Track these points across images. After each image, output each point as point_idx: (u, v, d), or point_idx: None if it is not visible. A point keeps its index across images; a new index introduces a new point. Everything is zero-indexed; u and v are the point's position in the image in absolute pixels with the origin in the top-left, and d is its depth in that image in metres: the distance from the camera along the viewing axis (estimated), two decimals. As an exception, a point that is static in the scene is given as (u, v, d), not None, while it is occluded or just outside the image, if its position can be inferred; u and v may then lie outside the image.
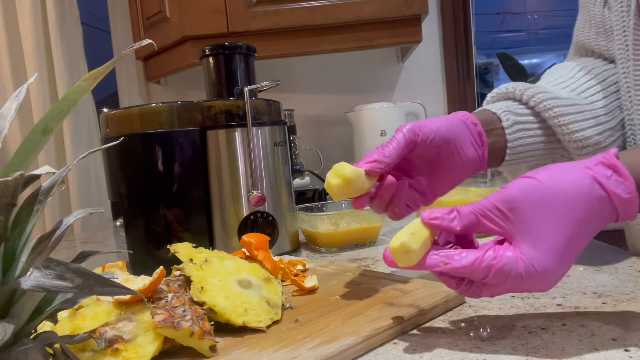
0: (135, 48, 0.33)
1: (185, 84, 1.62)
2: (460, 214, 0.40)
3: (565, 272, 0.39)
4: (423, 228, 0.40)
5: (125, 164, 0.70)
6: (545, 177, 0.39)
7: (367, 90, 1.62)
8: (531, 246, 0.38)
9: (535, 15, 7.37)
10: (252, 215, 0.72)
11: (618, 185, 0.38)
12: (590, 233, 0.39)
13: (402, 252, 0.39)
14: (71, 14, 1.40)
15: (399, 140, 0.50)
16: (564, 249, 0.38)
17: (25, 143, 0.31)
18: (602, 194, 0.38)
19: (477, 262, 0.38)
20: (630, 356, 0.35)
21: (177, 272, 0.48)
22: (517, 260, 0.38)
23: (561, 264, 0.38)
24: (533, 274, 0.37)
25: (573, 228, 0.38)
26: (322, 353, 0.37)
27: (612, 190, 0.38)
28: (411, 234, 0.40)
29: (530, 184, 0.39)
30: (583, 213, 0.38)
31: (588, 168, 0.39)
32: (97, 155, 1.33)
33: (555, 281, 0.39)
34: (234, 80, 0.80)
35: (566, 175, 0.39)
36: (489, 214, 0.39)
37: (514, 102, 0.60)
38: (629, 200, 0.38)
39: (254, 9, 1.25)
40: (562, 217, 0.38)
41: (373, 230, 0.78)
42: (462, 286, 0.40)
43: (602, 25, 0.65)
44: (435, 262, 0.39)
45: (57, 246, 0.31)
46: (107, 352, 0.37)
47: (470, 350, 0.38)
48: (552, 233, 0.38)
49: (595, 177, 0.38)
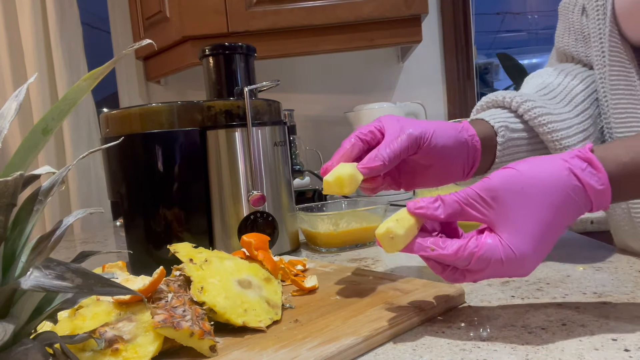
0: (135, 48, 0.33)
1: (185, 84, 1.62)
2: (445, 202, 0.42)
3: (542, 257, 0.41)
4: (408, 215, 0.42)
5: (125, 164, 0.70)
6: (525, 168, 0.42)
7: (367, 90, 1.62)
8: (511, 233, 0.40)
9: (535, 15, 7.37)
10: (252, 215, 0.72)
11: (592, 177, 0.40)
12: (566, 221, 0.41)
13: (388, 238, 0.42)
14: (71, 14, 1.40)
15: (403, 145, 0.51)
16: (541, 235, 0.40)
17: (25, 143, 0.31)
18: (577, 184, 0.40)
19: (460, 250, 0.40)
20: (630, 356, 0.35)
21: (177, 272, 0.48)
22: (497, 246, 0.40)
23: (539, 249, 0.40)
24: (512, 259, 0.39)
25: (550, 215, 0.40)
26: (322, 353, 0.37)
27: (587, 182, 0.40)
28: (396, 221, 0.42)
29: (511, 174, 0.41)
30: (559, 202, 0.40)
31: (565, 161, 0.41)
32: (97, 155, 1.33)
33: (534, 266, 0.41)
34: (234, 80, 0.80)
35: (545, 166, 0.41)
36: (472, 202, 0.42)
37: (509, 114, 0.61)
38: (602, 191, 0.40)
39: (254, 9, 1.25)
40: (540, 205, 0.40)
41: (373, 230, 0.78)
42: (447, 271, 0.42)
43: (580, 32, 0.67)
44: (422, 247, 0.42)
45: (57, 246, 0.31)
46: (107, 352, 0.37)
47: (470, 351, 0.38)
48: (530, 220, 0.40)
49: (572, 169, 0.40)
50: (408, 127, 0.52)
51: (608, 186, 0.40)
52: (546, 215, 0.40)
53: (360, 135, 0.54)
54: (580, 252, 0.64)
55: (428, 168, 0.54)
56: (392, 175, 0.56)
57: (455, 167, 0.55)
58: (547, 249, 0.41)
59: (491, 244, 0.40)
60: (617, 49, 0.58)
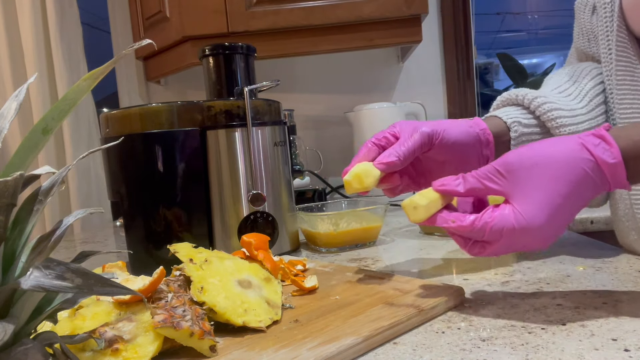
0: (135, 48, 0.33)
1: (185, 84, 1.62)
2: (465, 178, 0.46)
3: (557, 229, 0.43)
4: (432, 191, 0.47)
5: (125, 164, 0.70)
6: (540, 146, 0.44)
7: (367, 90, 1.62)
8: (523, 202, 0.42)
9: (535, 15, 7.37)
10: (252, 215, 0.72)
11: (605, 151, 0.42)
12: (583, 195, 0.42)
13: (411, 208, 0.47)
14: (71, 14, 1.40)
15: (416, 143, 0.54)
16: (553, 205, 0.42)
17: (25, 143, 0.31)
18: (590, 158, 0.42)
19: (476, 221, 0.43)
20: (630, 356, 0.35)
21: (177, 272, 0.48)
22: (510, 215, 0.42)
23: (552, 218, 0.42)
24: (524, 226, 0.42)
25: (563, 187, 0.42)
26: (322, 353, 0.37)
27: (599, 156, 0.41)
28: (420, 195, 0.47)
29: (526, 149, 0.44)
30: (573, 175, 0.42)
31: (579, 138, 0.43)
32: (97, 155, 1.33)
33: (550, 237, 0.43)
34: (234, 80, 0.80)
35: (559, 143, 0.44)
36: (490, 176, 0.44)
37: (522, 110, 0.63)
38: (614, 165, 0.41)
39: (254, 9, 1.24)
40: (553, 177, 0.42)
41: (373, 230, 0.78)
42: (469, 245, 0.45)
43: (591, 32, 0.68)
44: (444, 219, 0.45)
45: (57, 246, 0.31)
46: (107, 352, 0.37)
47: (470, 351, 0.38)
48: (543, 190, 0.42)
49: (584, 144, 0.42)
50: (420, 126, 0.55)
51: (620, 160, 0.41)
52: (558, 187, 0.42)
53: (375, 140, 0.56)
54: (580, 252, 0.64)
55: (444, 164, 0.56)
56: (409, 175, 0.58)
57: (470, 162, 0.57)
58: (563, 221, 0.43)
59: (504, 213, 0.42)
60: (624, 45, 0.58)
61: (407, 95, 1.60)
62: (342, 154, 1.59)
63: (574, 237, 0.72)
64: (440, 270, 0.61)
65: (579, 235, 0.73)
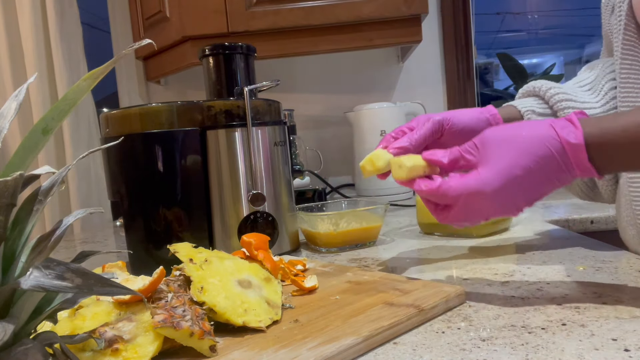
0: (135, 48, 0.33)
1: (185, 84, 1.62)
2: (450, 151, 0.49)
3: (514, 199, 0.46)
4: (420, 158, 0.50)
5: (125, 164, 0.70)
6: (515, 125, 0.48)
7: (367, 90, 1.62)
8: (486, 168, 0.46)
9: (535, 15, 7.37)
10: (252, 215, 0.72)
11: (569, 133, 0.44)
12: (545, 173, 0.45)
13: (397, 165, 0.51)
14: (71, 14, 1.40)
15: (427, 129, 0.58)
16: (511, 174, 0.45)
17: (25, 143, 0.31)
18: (555, 137, 0.44)
19: (442, 185, 0.47)
20: (630, 356, 0.35)
21: (177, 272, 0.48)
22: (470, 179, 0.46)
23: (507, 186, 0.45)
24: (479, 189, 0.45)
25: (524, 160, 0.45)
26: (322, 353, 0.37)
27: (563, 137, 0.44)
28: (408, 157, 0.51)
29: (502, 128, 0.48)
30: (535, 150, 0.45)
31: (551, 121, 0.46)
32: (97, 155, 1.33)
33: (504, 205, 0.46)
34: (234, 80, 0.80)
35: (532, 124, 0.47)
36: (469, 149, 0.48)
37: (539, 101, 0.66)
38: (576, 146, 0.44)
39: (254, 9, 1.25)
40: (516, 149, 0.45)
41: (373, 230, 0.78)
42: (437, 210, 0.50)
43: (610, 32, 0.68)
44: (418, 184, 0.49)
45: (57, 246, 0.31)
46: (107, 352, 0.37)
47: (470, 351, 0.38)
48: (504, 160, 0.45)
49: (553, 126, 0.45)
50: (432, 115, 0.59)
51: (582, 142, 0.43)
52: (520, 159, 0.45)
53: (393, 134, 0.60)
54: (580, 252, 0.64)
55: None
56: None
57: None
58: (521, 193, 0.46)
59: (466, 179, 0.46)
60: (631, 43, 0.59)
61: (407, 95, 1.60)
62: (342, 154, 1.59)
63: (574, 237, 0.72)
64: (440, 270, 0.61)
65: (579, 235, 0.73)
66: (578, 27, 6.81)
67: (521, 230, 0.81)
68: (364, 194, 1.34)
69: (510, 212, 0.47)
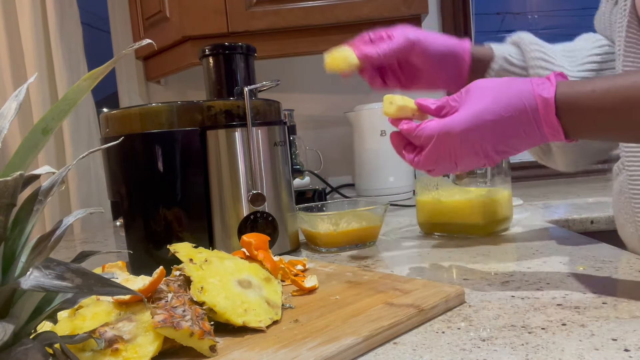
0: (135, 48, 0.33)
1: (185, 84, 1.62)
2: (440, 100, 0.52)
3: (480, 143, 0.48)
4: (412, 102, 0.54)
5: (125, 164, 0.70)
6: (498, 79, 0.50)
7: (367, 90, 1.60)
8: (461, 111, 0.49)
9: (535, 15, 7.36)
10: (252, 215, 0.72)
11: (544, 89, 0.46)
12: (515, 126, 0.47)
13: (388, 102, 0.55)
14: (71, 14, 1.40)
15: (399, 45, 0.61)
16: (480, 118, 0.47)
17: (25, 143, 0.31)
18: (530, 91, 0.46)
19: (421, 126, 0.51)
20: (630, 356, 0.35)
21: (177, 272, 0.48)
22: (445, 119, 0.49)
23: (475, 128, 0.47)
24: (449, 127, 0.48)
25: (497, 107, 0.47)
26: (322, 353, 0.37)
27: (537, 91, 0.46)
28: (402, 97, 0.54)
29: (487, 80, 0.51)
30: (511, 100, 0.47)
31: (532, 79, 0.48)
32: (97, 155, 1.33)
33: (471, 146, 0.48)
34: (234, 80, 0.80)
35: (516, 79, 0.49)
36: (455, 97, 0.51)
37: (518, 51, 0.67)
38: (547, 100, 0.45)
39: (254, 9, 1.24)
40: (491, 96, 0.48)
41: (373, 230, 0.78)
42: (412, 154, 0.52)
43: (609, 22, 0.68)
44: (402, 124, 0.53)
45: (57, 246, 0.31)
46: (107, 352, 0.37)
47: (470, 351, 0.38)
48: (480, 104, 0.48)
49: (531, 82, 0.47)
50: (409, 31, 0.62)
51: (552, 97, 0.45)
52: (493, 106, 0.47)
53: (372, 34, 0.63)
54: (580, 252, 0.64)
55: (422, 72, 0.65)
56: (393, 71, 0.66)
57: (444, 74, 0.64)
58: (488, 138, 0.48)
59: (443, 118, 0.49)
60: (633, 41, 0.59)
61: (407, 95, 1.59)
62: (342, 154, 1.59)
63: (574, 237, 0.72)
64: (440, 270, 0.61)
65: (579, 235, 0.73)
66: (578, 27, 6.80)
67: (521, 230, 0.81)
68: (364, 194, 1.34)
69: (477, 157, 0.49)
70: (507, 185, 0.82)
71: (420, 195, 0.85)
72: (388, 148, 0.58)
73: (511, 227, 0.82)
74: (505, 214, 0.81)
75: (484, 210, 0.77)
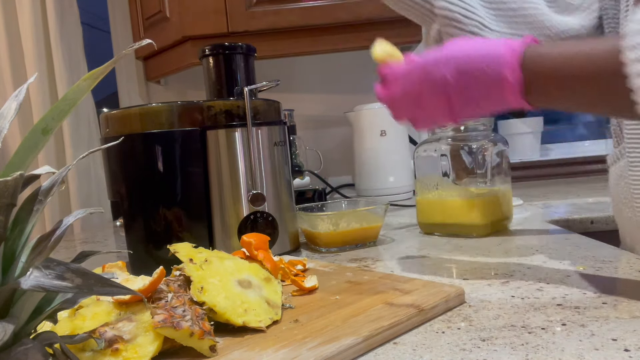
0: (135, 48, 0.33)
1: (185, 84, 1.62)
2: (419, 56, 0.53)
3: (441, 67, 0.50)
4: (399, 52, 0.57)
5: (125, 164, 0.70)
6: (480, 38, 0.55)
7: (367, 90, 1.61)
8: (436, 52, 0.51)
9: (535, 15, 7.35)
10: (252, 215, 0.72)
11: (515, 43, 0.47)
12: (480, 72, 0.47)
13: (379, 44, 0.57)
14: (71, 13, 1.40)
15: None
16: (449, 53, 0.49)
17: (25, 143, 0.31)
18: (503, 43, 0.47)
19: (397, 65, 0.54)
20: (630, 356, 0.35)
21: (177, 272, 0.48)
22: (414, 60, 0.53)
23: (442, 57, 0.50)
24: (413, 65, 0.52)
25: (467, 51, 0.49)
26: (322, 353, 0.37)
27: (509, 44, 0.47)
28: (392, 47, 0.57)
29: (463, 38, 0.54)
30: (482, 49, 0.48)
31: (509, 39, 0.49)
32: (97, 155, 1.33)
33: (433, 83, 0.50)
34: (234, 80, 0.80)
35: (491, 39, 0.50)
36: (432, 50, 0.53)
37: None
38: (514, 49, 0.46)
39: (254, 9, 1.25)
40: (465, 45, 0.50)
41: (373, 230, 0.78)
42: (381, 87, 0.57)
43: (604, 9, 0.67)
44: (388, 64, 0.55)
45: (57, 246, 0.31)
46: (107, 352, 0.37)
47: (470, 351, 0.38)
48: (452, 49, 0.50)
49: (507, 40, 0.48)
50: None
51: (520, 50, 0.46)
52: (463, 50, 0.49)
53: None
54: (580, 252, 0.64)
55: None
56: None
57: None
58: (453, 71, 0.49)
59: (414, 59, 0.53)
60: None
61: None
62: (342, 154, 1.59)
63: (574, 237, 0.72)
64: (440, 270, 0.61)
65: (579, 236, 0.73)
66: (578, 27, 6.78)
67: (521, 230, 0.81)
68: (364, 194, 1.34)
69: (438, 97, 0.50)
70: (507, 185, 0.82)
71: (420, 195, 0.85)
72: (388, 148, 0.57)
73: (511, 227, 0.83)
74: (505, 214, 0.81)
75: (484, 210, 0.77)
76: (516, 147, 1.61)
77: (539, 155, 1.63)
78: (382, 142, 1.29)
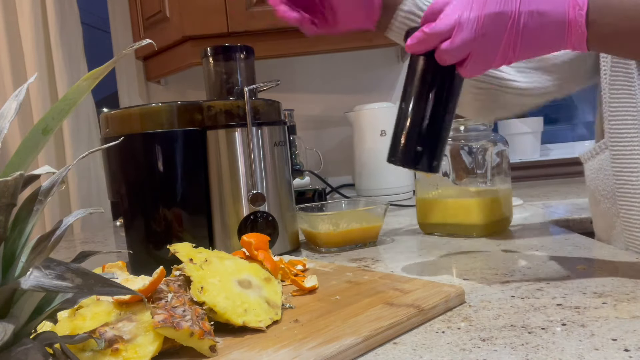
0: (135, 48, 0.33)
1: (185, 84, 1.62)
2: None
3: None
4: None
5: (125, 164, 0.70)
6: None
7: (367, 90, 1.62)
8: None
9: (535, 15, 7.34)
10: (252, 215, 0.72)
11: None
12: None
13: None
14: (71, 14, 1.40)
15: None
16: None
17: (25, 143, 0.31)
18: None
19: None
20: (630, 356, 0.35)
21: (177, 272, 0.48)
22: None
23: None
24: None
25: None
26: (322, 353, 0.37)
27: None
28: None
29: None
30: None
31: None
32: (97, 155, 1.33)
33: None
34: (234, 80, 0.80)
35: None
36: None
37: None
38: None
39: (254, 9, 1.25)
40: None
41: (373, 230, 0.78)
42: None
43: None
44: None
45: (57, 246, 0.31)
46: (107, 352, 0.37)
47: (470, 351, 0.38)
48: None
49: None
50: None
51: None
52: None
53: None
54: (580, 252, 0.64)
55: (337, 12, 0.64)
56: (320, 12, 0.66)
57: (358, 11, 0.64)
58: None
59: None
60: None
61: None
62: (342, 154, 1.59)
63: (574, 237, 0.72)
64: (440, 270, 0.61)
65: (579, 236, 0.73)
66: (578, 27, 6.78)
67: (521, 230, 0.81)
68: (364, 194, 1.34)
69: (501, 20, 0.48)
70: (507, 185, 0.82)
71: (420, 195, 0.85)
72: (388, 148, 0.57)
73: (511, 227, 0.83)
74: (505, 214, 0.81)
75: (484, 210, 0.77)
76: (516, 147, 1.61)
77: (539, 155, 1.63)
78: (382, 142, 1.29)
